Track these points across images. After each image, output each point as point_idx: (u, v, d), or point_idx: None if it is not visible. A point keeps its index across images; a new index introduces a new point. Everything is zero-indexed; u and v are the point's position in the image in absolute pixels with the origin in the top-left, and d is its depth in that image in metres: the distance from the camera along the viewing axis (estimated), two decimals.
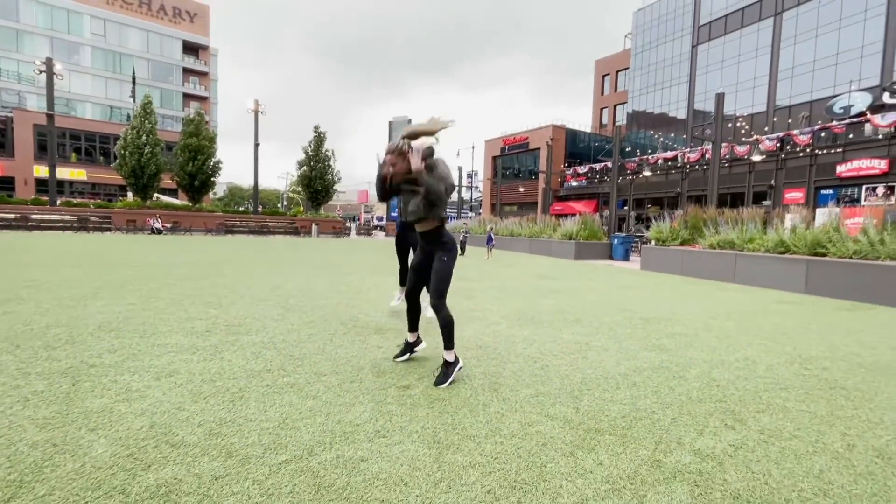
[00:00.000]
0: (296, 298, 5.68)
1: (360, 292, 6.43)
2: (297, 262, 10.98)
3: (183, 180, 28.65)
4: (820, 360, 3.71)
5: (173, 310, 4.73)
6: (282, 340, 3.68)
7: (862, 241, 8.45)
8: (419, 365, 3.17)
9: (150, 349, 3.30)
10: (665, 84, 38.98)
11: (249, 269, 8.80)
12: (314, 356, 3.28)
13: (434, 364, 3.11)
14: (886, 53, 25.57)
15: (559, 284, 8.32)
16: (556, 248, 18.46)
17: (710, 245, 11.76)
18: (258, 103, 28.65)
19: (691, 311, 5.87)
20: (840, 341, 4.42)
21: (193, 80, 51.92)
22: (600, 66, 49.77)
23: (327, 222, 30.92)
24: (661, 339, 4.26)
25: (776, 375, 3.24)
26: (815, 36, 29.08)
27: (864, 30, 26.63)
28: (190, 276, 7.41)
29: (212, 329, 3.96)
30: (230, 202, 65.62)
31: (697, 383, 3.00)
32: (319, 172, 32.27)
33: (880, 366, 3.60)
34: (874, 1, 26.18)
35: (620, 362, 3.44)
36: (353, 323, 4.44)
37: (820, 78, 28.47)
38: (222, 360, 3.10)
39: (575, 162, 39.96)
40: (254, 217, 28.99)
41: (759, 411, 2.56)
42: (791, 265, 9.31)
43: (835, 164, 20.58)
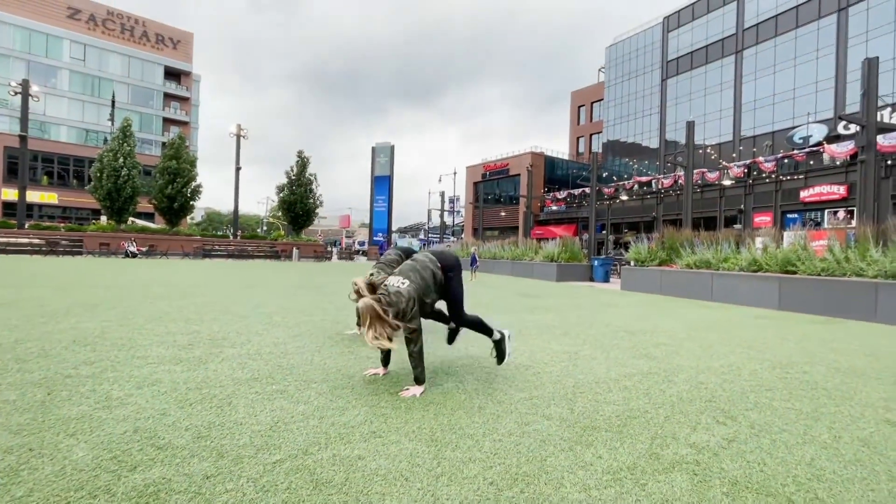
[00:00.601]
0: (280, 315, 5.56)
1: (345, 309, 6.34)
2: (278, 283, 10.79)
3: (161, 203, 28.10)
4: (800, 365, 3.82)
5: (152, 326, 4.57)
6: (268, 352, 3.59)
7: (829, 258, 8.85)
8: (402, 377, 3.13)
9: (130, 361, 3.17)
10: (638, 115, 40.77)
11: (230, 290, 8.60)
12: (303, 366, 3.21)
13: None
14: (838, 88, 27.47)
15: (544, 302, 8.39)
16: (538, 269, 18.66)
17: (686, 265, 12.10)
18: (241, 127, 28.66)
19: (673, 325, 5.98)
20: (816, 349, 4.56)
21: (174, 105, 51.75)
22: (576, 97, 51.84)
23: (308, 246, 30.60)
24: (648, 348, 4.32)
25: (760, 379, 3.32)
26: (773, 72, 31.09)
27: (817, 67, 28.65)
28: (168, 296, 7.19)
29: (194, 342, 3.83)
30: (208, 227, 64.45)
31: (686, 386, 3.05)
32: (301, 197, 32.14)
33: (856, 370, 3.72)
34: (824, 41, 28.32)
35: (610, 369, 3.47)
36: (340, 337, 4.37)
37: (780, 110, 30.28)
38: (207, 370, 3.00)
39: (554, 188, 40.98)
40: (233, 241, 28.51)
41: (748, 409, 2.61)
42: (764, 283, 9.63)
43: (798, 190, 21.69)
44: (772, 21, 31.20)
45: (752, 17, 32.47)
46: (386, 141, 38.64)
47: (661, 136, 38.19)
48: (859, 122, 9.95)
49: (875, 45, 25.95)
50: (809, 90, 28.80)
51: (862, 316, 7.72)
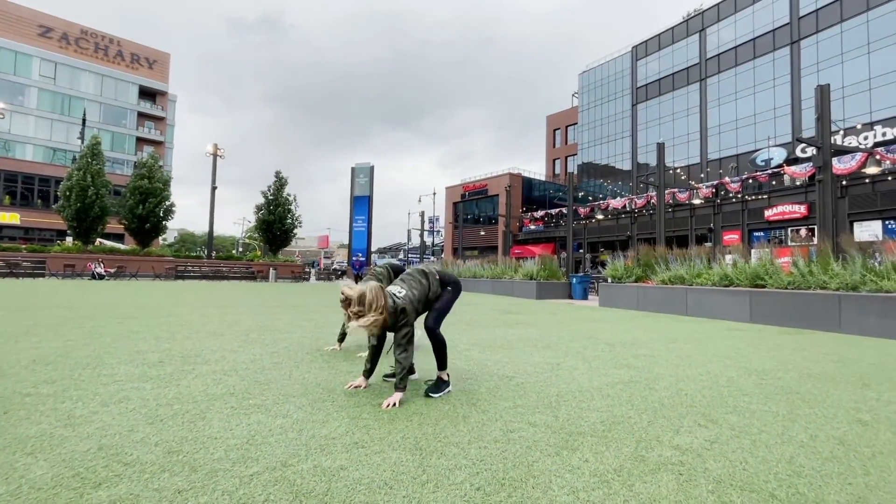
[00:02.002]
0: (256, 333, 5.40)
1: (325, 327, 6.21)
2: (254, 302, 10.51)
3: (131, 223, 27.21)
4: (773, 371, 3.92)
5: (120, 344, 4.36)
6: (244, 368, 3.46)
7: (795, 272, 9.22)
8: (385, 389, 3.07)
9: (96, 379, 3.01)
10: (610, 138, 42.24)
11: (203, 309, 8.32)
12: (281, 381, 3.10)
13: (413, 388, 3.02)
14: (794, 114, 29.21)
15: (525, 318, 8.42)
16: (517, 288, 18.77)
17: (662, 281, 12.38)
18: (217, 147, 28.31)
19: (652, 337, 6.08)
20: (788, 357, 4.70)
21: (149, 125, 50.85)
22: (551, 121, 53.45)
23: (286, 266, 30.05)
24: (628, 359, 4.36)
25: (737, 385, 3.39)
26: (734, 99, 32.87)
27: (775, 94, 30.46)
28: (137, 316, 6.90)
29: (165, 360, 3.67)
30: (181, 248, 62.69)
31: (667, 393, 3.08)
32: (279, 216, 31.71)
33: (827, 375, 3.84)
34: (780, 71, 30.21)
35: (592, 378, 3.48)
36: (319, 353, 4.26)
37: (742, 135, 31.91)
38: (179, 387, 2.86)
39: (532, 208, 41.71)
40: (207, 261, 27.76)
41: (728, 413, 2.65)
42: (736, 297, 9.93)
43: (763, 209, 22.70)
44: (732, 52, 33.14)
45: (714, 48, 34.44)
46: (366, 161, 38.83)
47: (633, 158, 39.59)
48: (815, 145, 10.57)
49: (825, 74, 27.82)
50: (768, 116, 30.52)
51: (827, 326, 8.02)
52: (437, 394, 2.84)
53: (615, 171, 40.84)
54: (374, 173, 38.71)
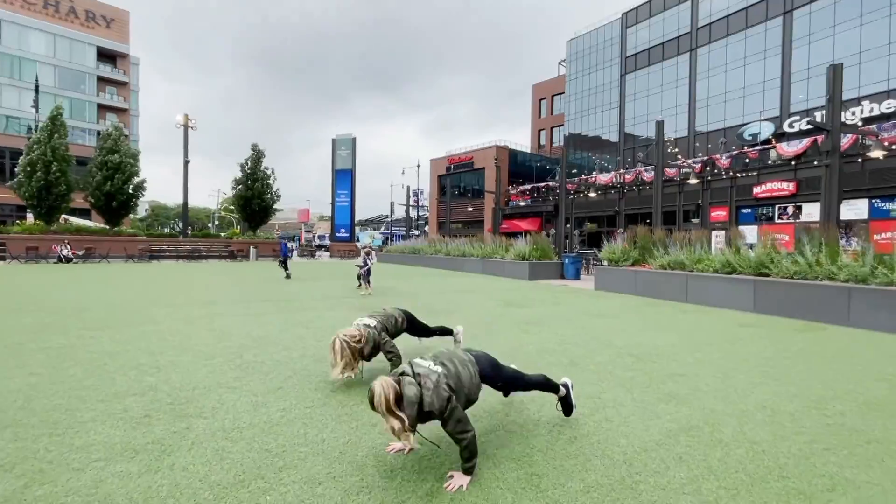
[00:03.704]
0: (251, 352, 4.85)
1: (325, 337, 5.67)
2: (240, 295, 9.85)
3: (99, 201, 25.51)
4: (829, 401, 3.62)
5: (95, 380, 3.76)
6: (247, 423, 2.94)
7: (801, 262, 9.06)
8: (431, 455, 2.61)
9: (67, 456, 2.45)
10: (598, 109, 41.49)
11: (186, 310, 7.66)
12: (296, 449, 2.61)
13: (448, 447, 2.57)
14: (784, 87, 28.99)
15: (530, 314, 8.05)
16: (509, 268, 18.47)
17: (661, 266, 12.18)
18: (188, 118, 26.50)
19: (671, 342, 5.78)
20: (833, 376, 4.43)
21: (110, 91, 47.43)
22: (537, 90, 52.16)
23: (266, 244, 28.98)
24: (666, 383, 4.01)
25: (805, 428, 3.05)
26: (724, 71, 32.38)
27: (765, 67, 30.07)
28: (111, 324, 6.22)
29: (151, 411, 3.11)
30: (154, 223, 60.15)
31: (740, 450, 2.71)
32: (257, 192, 30.33)
33: (882, 402, 3.56)
34: (771, 42, 29.72)
35: (645, 422, 3.10)
36: (328, 386, 3.77)
37: (731, 108, 31.64)
38: (173, 471, 2.33)
39: (518, 181, 41.11)
40: (183, 241, 26.48)
41: (828, 489, 2.29)
42: (739, 285, 9.77)
43: (752, 186, 22.72)
44: (724, 21, 32.38)
45: (706, 17, 33.58)
46: (347, 132, 37.16)
47: (621, 130, 39.08)
48: (825, 127, 10.27)
49: (816, 46, 27.52)
50: (758, 89, 30.22)
51: (835, 320, 7.92)
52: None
53: (603, 143, 40.33)
54: (356, 145, 37.20)
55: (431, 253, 24.90)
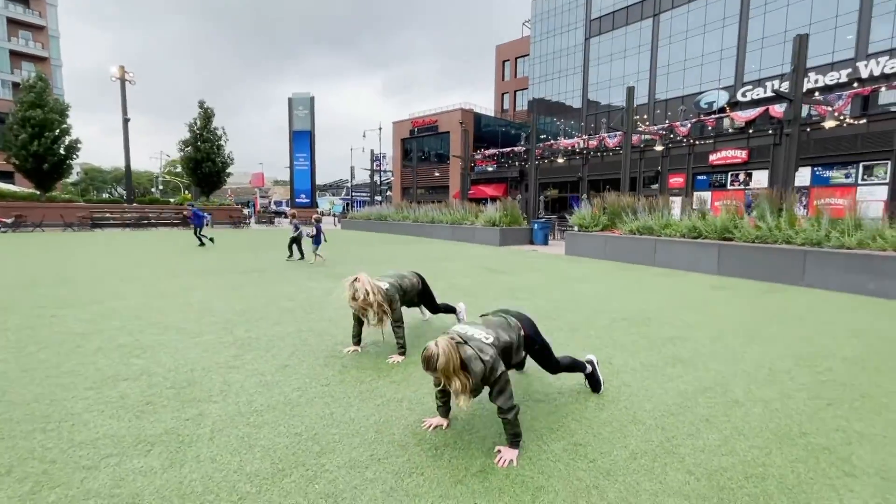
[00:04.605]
0: (242, 327, 4.57)
1: (313, 309, 5.46)
2: (206, 266, 9.27)
3: (25, 163, 22.83)
4: (815, 359, 3.88)
5: (73, 365, 3.41)
6: (266, 406, 2.76)
7: (762, 227, 9.61)
8: (471, 431, 2.56)
9: (71, 453, 2.20)
10: (562, 73, 41.29)
11: (152, 284, 7.11)
12: (327, 431, 2.47)
13: (483, 421, 2.53)
14: (739, 57, 29.93)
15: (516, 280, 8.12)
16: (480, 234, 18.52)
17: (630, 231, 12.58)
18: (125, 70, 23.84)
19: (656, 306, 6.01)
20: (809, 333, 4.76)
21: (24, 35, 41.79)
22: (501, 51, 51.02)
23: (222, 211, 27.37)
24: (667, 346, 4.17)
25: (804, 385, 3.26)
26: (685, 38, 32.90)
27: (723, 35, 30.80)
28: (71, 301, 5.67)
29: (152, 397, 2.86)
30: (88, 188, 55.15)
31: (756, 408, 2.86)
32: (207, 154, 28.29)
33: (859, 359, 3.88)
34: (730, 10, 30.33)
35: (662, 385, 3.20)
36: (338, 361, 3.61)
37: (690, 76, 32.42)
38: (201, 463, 2.15)
39: (482, 146, 40.72)
40: (129, 206, 24.44)
41: (846, 443, 2.45)
42: (704, 249, 10.27)
43: (708, 154, 23.69)
44: None
45: None
46: (305, 91, 34.94)
47: (584, 96, 39.26)
48: (787, 97, 10.70)
49: (771, 17, 28.40)
50: (715, 57, 31.03)
51: (792, 280, 8.54)
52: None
53: (566, 109, 40.44)
54: (314, 105, 35.16)
55: (398, 219, 24.48)
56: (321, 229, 10.47)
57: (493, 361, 2.15)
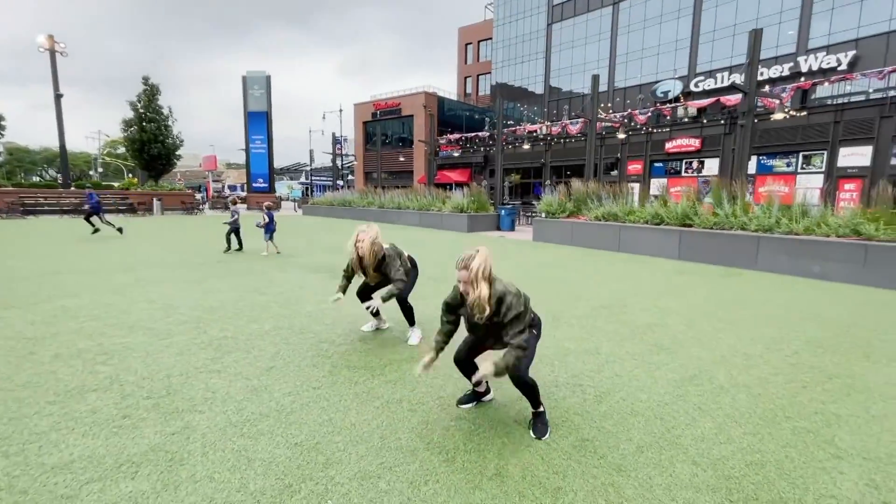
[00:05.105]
0: (215, 326, 4.30)
1: (289, 303, 5.23)
2: (163, 257, 8.68)
3: None
4: (781, 342, 4.14)
5: (29, 375, 3.08)
6: (257, 414, 2.61)
7: (720, 213, 10.13)
8: (480, 431, 2.52)
9: (44, 480, 1.97)
10: (525, 58, 41.39)
11: (105, 278, 6.56)
12: (329, 439, 2.36)
13: (500, 412, 2.51)
14: (692, 48, 31.08)
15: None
16: (447, 221, 18.49)
17: (595, 217, 12.93)
18: (55, 40, 21.55)
19: (629, 292, 6.20)
20: (773, 312, 5.07)
21: None
22: (463, 34, 50.40)
23: (174, 196, 25.70)
24: (647, 333, 4.31)
25: (777, 369, 3.47)
26: (643, 27, 33.73)
27: (678, 26, 31.83)
28: (14, 300, 5.13)
29: (128, 410, 2.62)
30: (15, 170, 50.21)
31: (741, 395, 3.00)
32: (154, 135, 26.37)
33: (825, 342, 4.17)
34: (685, 2, 31.33)
35: (650, 374, 3.30)
36: (327, 360, 3.47)
37: (647, 65, 33.37)
38: (198, 483, 1.99)
39: (446, 130, 40.38)
40: (66, 192, 22.39)
41: (826, 424, 2.62)
42: (666, 235, 10.73)
43: (664, 141, 24.63)
44: None
45: None
46: (260, 70, 33.01)
47: (546, 82, 39.60)
48: (742, 89, 11.21)
49: (722, 10, 29.58)
50: (671, 48, 32.07)
51: (746, 264, 9.08)
52: (546, 433, 2.44)
53: (529, 95, 40.69)
54: (270, 84, 33.41)
55: (363, 205, 23.99)
56: (273, 217, 9.75)
57: (524, 299, 2.31)
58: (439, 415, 2.63)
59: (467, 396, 2.78)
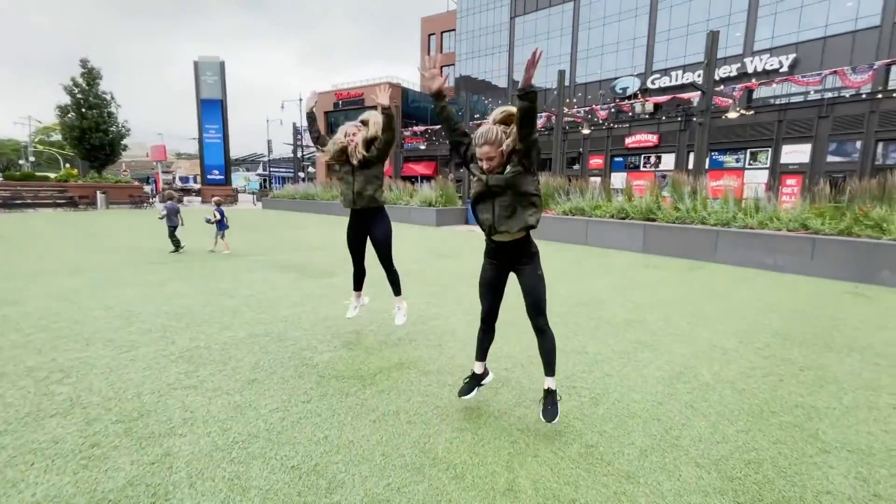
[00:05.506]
0: (184, 335, 4.00)
1: (262, 307, 4.97)
2: (113, 258, 8.04)
3: None
4: (753, 334, 4.34)
5: None
6: (246, 435, 2.42)
7: (682, 208, 10.56)
8: (486, 441, 2.46)
9: None
10: (489, 51, 41.44)
11: (51, 282, 5.98)
12: (328, 459, 2.23)
13: (496, 406, 2.46)
14: (649, 46, 32.17)
15: (465, 266, 8.10)
16: (415, 215, 18.31)
17: (563, 212, 13.17)
18: None
19: (603, 288, 6.34)
20: (740, 306, 5.32)
21: None
22: (426, 24, 49.79)
23: (121, 189, 23.95)
24: (628, 330, 4.40)
25: (753, 363, 3.63)
26: (602, 24, 34.55)
27: (636, 24, 32.82)
28: None
29: (98, 438, 2.37)
30: None
31: (727, 391, 3.11)
32: (97, 122, 24.43)
33: (789, 334, 4.41)
34: (642, 1, 32.31)
35: (638, 372, 3.36)
36: (312, 370, 3.30)
37: (607, 61, 34.25)
38: None
39: (411, 122, 39.91)
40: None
41: (808, 418, 2.74)
42: (631, 229, 11.08)
43: (624, 137, 25.46)
44: None
45: None
46: (213, 55, 31.11)
47: (510, 76, 39.86)
48: (700, 88, 11.71)
49: (677, 10, 30.74)
50: (629, 45, 33.04)
51: (706, 257, 9.52)
52: (556, 416, 2.46)
53: (493, 88, 40.84)
54: (225, 71, 31.66)
55: (328, 199, 23.33)
56: (224, 213, 9.02)
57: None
58: (439, 426, 2.54)
59: (468, 385, 2.74)
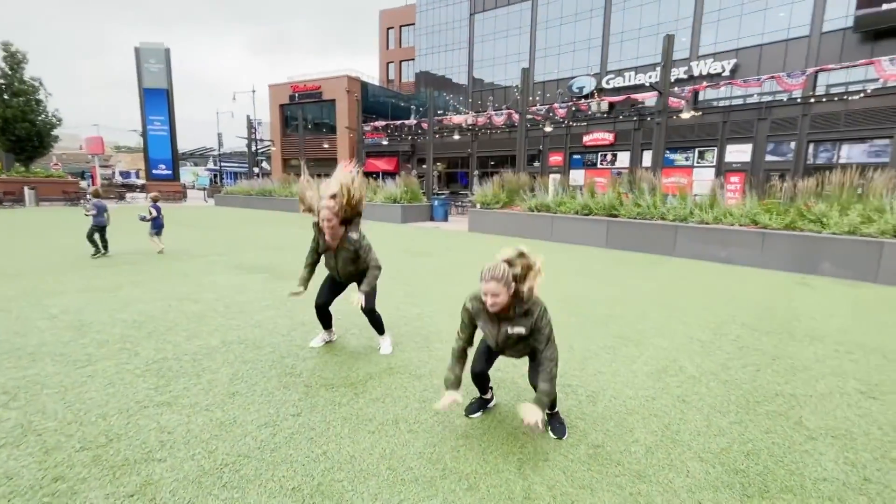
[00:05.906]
0: (147, 345, 3.66)
1: (231, 312, 4.66)
2: (53, 260, 7.30)
3: None
4: (723, 325, 4.55)
5: None
6: (236, 455, 2.22)
7: (643, 205, 10.98)
8: (495, 447, 2.39)
9: None
10: (448, 47, 41.38)
11: None
12: (330, 476, 2.08)
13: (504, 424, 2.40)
14: (604, 47, 33.27)
15: (440, 263, 8.02)
16: (380, 211, 18.00)
17: (529, 208, 13.36)
18: None
19: (579, 284, 6.46)
20: (701, 297, 5.57)
21: None
22: (385, 17, 49.06)
23: (53, 184, 21.89)
24: (609, 326, 4.49)
25: (729, 354, 3.79)
26: (559, 24, 35.36)
27: (591, 25, 33.83)
28: None
29: (61, 470, 2.09)
30: None
31: (712, 383, 3.22)
32: (22, 111, 22.19)
33: (754, 325, 4.66)
34: (597, 3, 33.34)
35: (628, 367, 3.42)
36: (299, 381, 3.10)
37: (563, 61, 35.14)
38: None
39: (371, 117, 39.18)
40: None
41: (790, 406, 2.88)
42: (595, 225, 11.40)
43: (582, 135, 26.20)
44: None
45: None
46: (157, 42, 28.97)
47: (470, 72, 40.00)
48: (658, 89, 12.20)
49: (630, 13, 31.95)
50: (585, 45, 34.04)
51: (665, 251, 9.96)
52: (565, 432, 2.47)
53: (453, 84, 40.83)
54: (170, 58, 29.62)
55: (286, 195, 22.48)
56: (161, 210, 8.44)
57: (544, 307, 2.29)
58: (443, 434, 2.45)
59: (475, 405, 2.67)
